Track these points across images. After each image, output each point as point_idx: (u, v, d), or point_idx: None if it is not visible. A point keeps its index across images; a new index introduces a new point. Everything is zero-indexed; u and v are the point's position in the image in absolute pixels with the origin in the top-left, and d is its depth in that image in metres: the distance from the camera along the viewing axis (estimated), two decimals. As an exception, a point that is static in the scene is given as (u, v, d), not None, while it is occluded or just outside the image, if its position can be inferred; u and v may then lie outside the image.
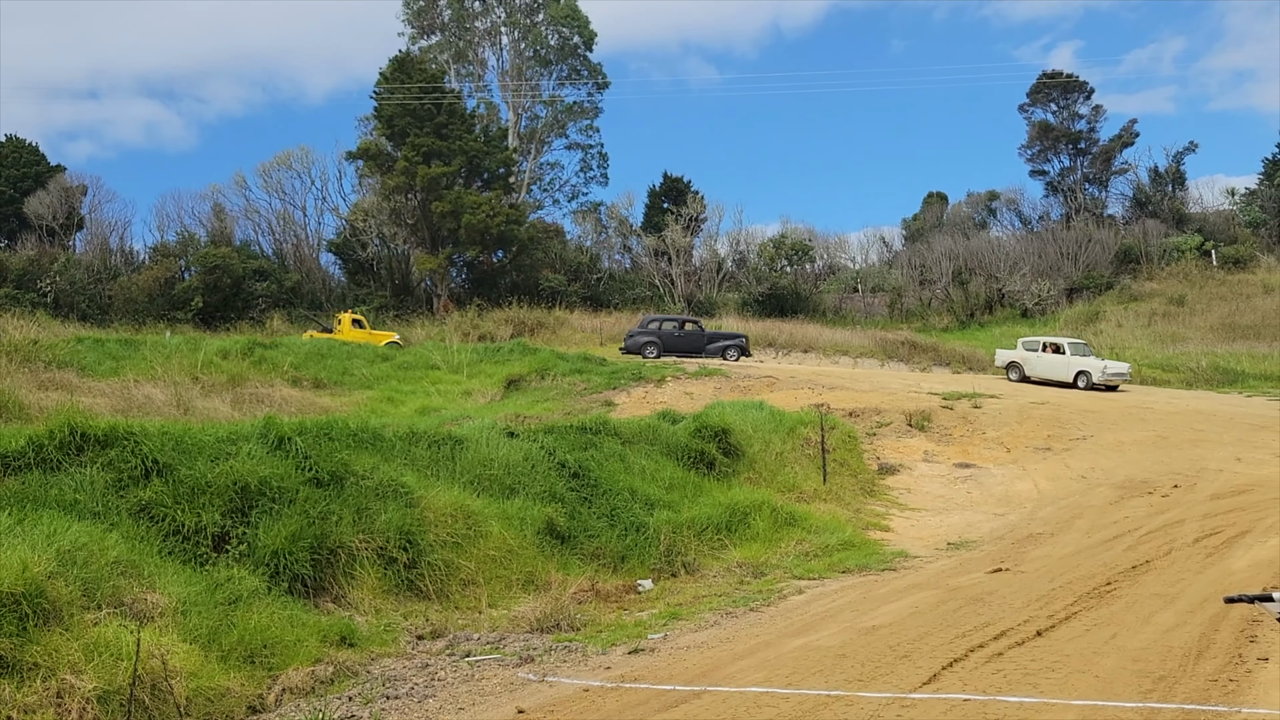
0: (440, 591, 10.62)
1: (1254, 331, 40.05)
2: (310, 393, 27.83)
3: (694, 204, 56.47)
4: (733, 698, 7.41)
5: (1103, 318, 45.08)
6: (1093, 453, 20.58)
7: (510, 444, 14.24)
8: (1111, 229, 56.87)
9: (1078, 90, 62.47)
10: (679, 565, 12.88)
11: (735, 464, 17.36)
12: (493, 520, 11.77)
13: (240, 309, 47.60)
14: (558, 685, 8.10)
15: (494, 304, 49.65)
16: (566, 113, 64.30)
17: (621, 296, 53.97)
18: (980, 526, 16.19)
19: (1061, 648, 8.40)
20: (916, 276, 54.24)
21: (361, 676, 8.33)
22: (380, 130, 53.36)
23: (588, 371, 30.86)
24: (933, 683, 7.57)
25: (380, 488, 11.18)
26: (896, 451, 21.10)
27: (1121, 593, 10.54)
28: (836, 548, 13.98)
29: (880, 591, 11.55)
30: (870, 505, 17.59)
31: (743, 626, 10.12)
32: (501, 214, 50.55)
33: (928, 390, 26.33)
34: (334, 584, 9.89)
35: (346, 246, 55.05)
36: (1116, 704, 6.77)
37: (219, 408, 23.03)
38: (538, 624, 10.03)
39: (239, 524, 9.70)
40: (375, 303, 50.73)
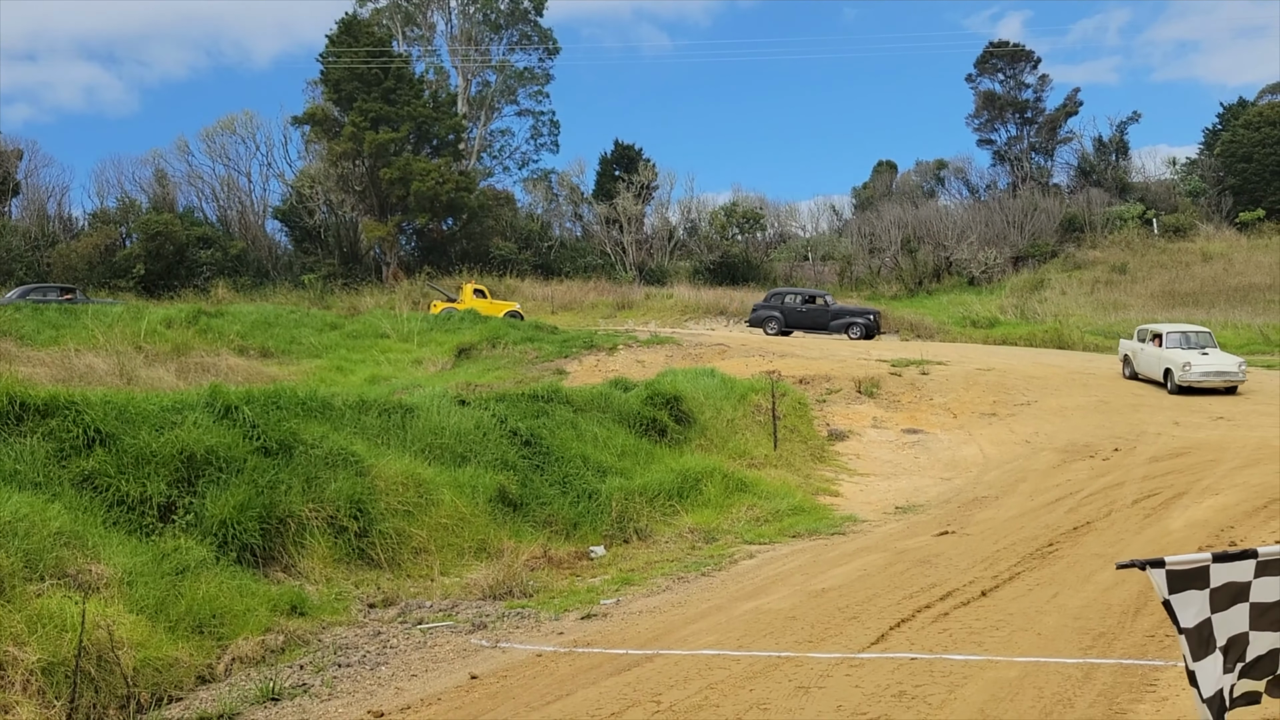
0: (392, 560, 10.59)
1: (1193, 299, 40.94)
2: (257, 362, 27.46)
3: (646, 172, 56.28)
4: (685, 660, 7.49)
5: (1047, 285, 45.81)
6: (1036, 418, 20.98)
7: (461, 412, 14.18)
8: (1057, 198, 57.69)
9: (1024, 60, 63.02)
10: (631, 532, 12.96)
11: (687, 431, 17.45)
12: (444, 488, 11.74)
13: (184, 277, 46.67)
14: (511, 651, 8.14)
15: (444, 272, 49.22)
16: (517, 79, 63.59)
17: (573, 265, 53.76)
18: (927, 491, 16.46)
19: (1005, 607, 8.60)
20: (866, 245, 54.64)
21: (313, 645, 8.30)
22: (327, 95, 52.37)
23: (539, 340, 30.77)
24: (881, 643, 7.71)
25: (330, 456, 11.08)
26: (846, 418, 21.34)
27: (1063, 553, 10.79)
28: (787, 513, 14.15)
29: (830, 555, 11.71)
30: (820, 471, 17.80)
31: (695, 591, 10.22)
32: (451, 181, 49.99)
33: (876, 358, 26.63)
34: (284, 553, 9.82)
35: (293, 213, 54.11)
36: (1058, 660, 6.95)
37: (163, 377, 22.64)
38: (490, 591, 10.05)
39: (185, 494, 9.58)
40: (323, 271, 50.03)
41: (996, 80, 63.41)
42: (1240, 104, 61.42)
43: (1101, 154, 62.07)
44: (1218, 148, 58.12)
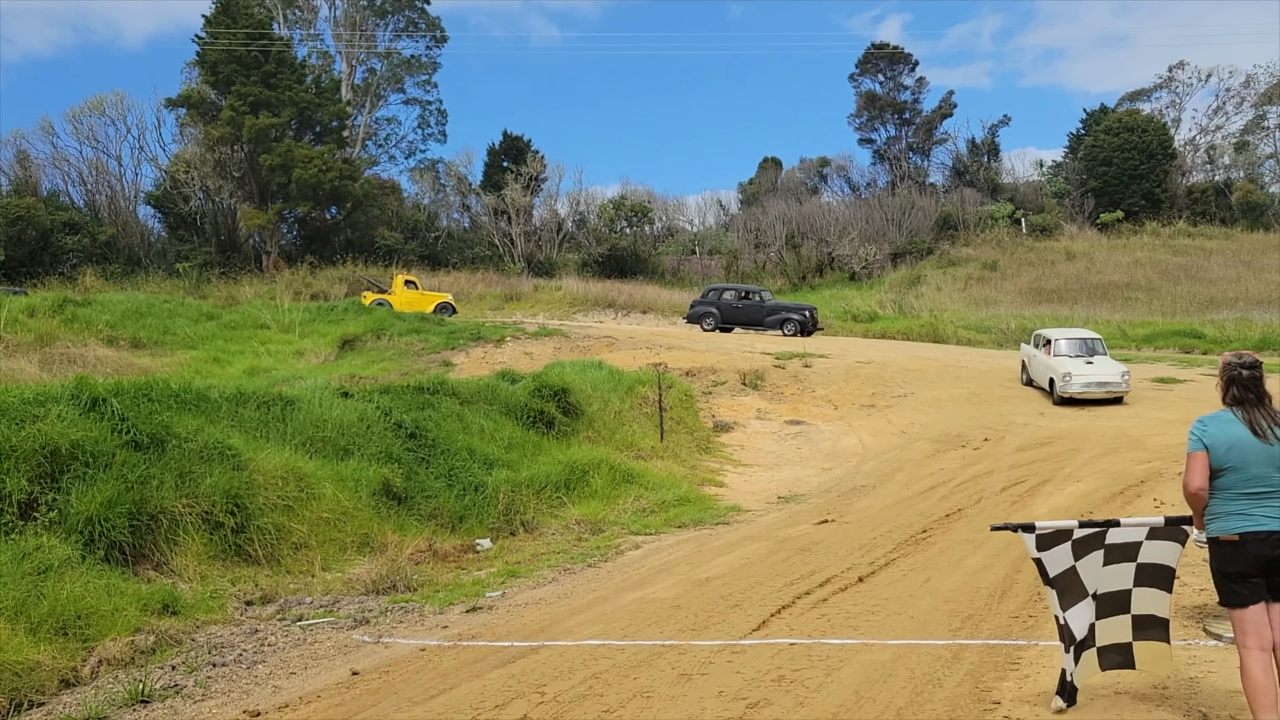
0: (271, 556, 10.33)
1: (1057, 295, 42.87)
2: (128, 353, 26.38)
3: (534, 163, 55.98)
4: (569, 651, 7.53)
5: (924, 281, 47.32)
6: (912, 409, 21.69)
7: (344, 404, 13.91)
8: (933, 197, 59.61)
9: (903, 62, 64.91)
10: (518, 524, 12.93)
11: (574, 423, 17.47)
12: (326, 482, 11.50)
13: (49, 264, 44.41)
14: (394, 646, 8.04)
15: (327, 262, 48.04)
16: (404, 66, 62.41)
17: (460, 256, 53.14)
18: (809, 481, 16.86)
19: (881, 592, 8.89)
20: (752, 239, 55.51)
21: (186, 645, 8.04)
22: (204, 77, 50.45)
23: (425, 331, 30.34)
24: (762, 629, 7.89)
25: (205, 450, 10.73)
26: (731, 410, 21.68)
27: (936, 539, 11.21)
28: (673, 503, 14.32)
29: (714, 544, 11.91)
30: (705, 462, 18.06)
31: (580, 582, 10.27)
32: (335, 169, 48.81)
33: (761, 350, 27.11)
34: (155, 551, 9.48)
35: (167, 199, 51.99)
36: (929, 641, 7.23)
37: (25, 368, 21.58)
38: (373, 586, 9.90)
39: (48, 490, 9.16)
40: (199, 259, 48.26)
41: (877, 81, 65.20)
42: (1102, 110, 64.46)
43: (974, 155, 64.42)
44: (1081, 151, 60.89)
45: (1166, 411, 19.30)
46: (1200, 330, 32.60)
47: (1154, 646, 5.52)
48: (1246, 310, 35.95)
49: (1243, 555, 4.81)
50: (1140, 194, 57.37)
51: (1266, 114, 63.17)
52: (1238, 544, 4.82)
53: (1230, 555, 4.86)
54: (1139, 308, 39.15)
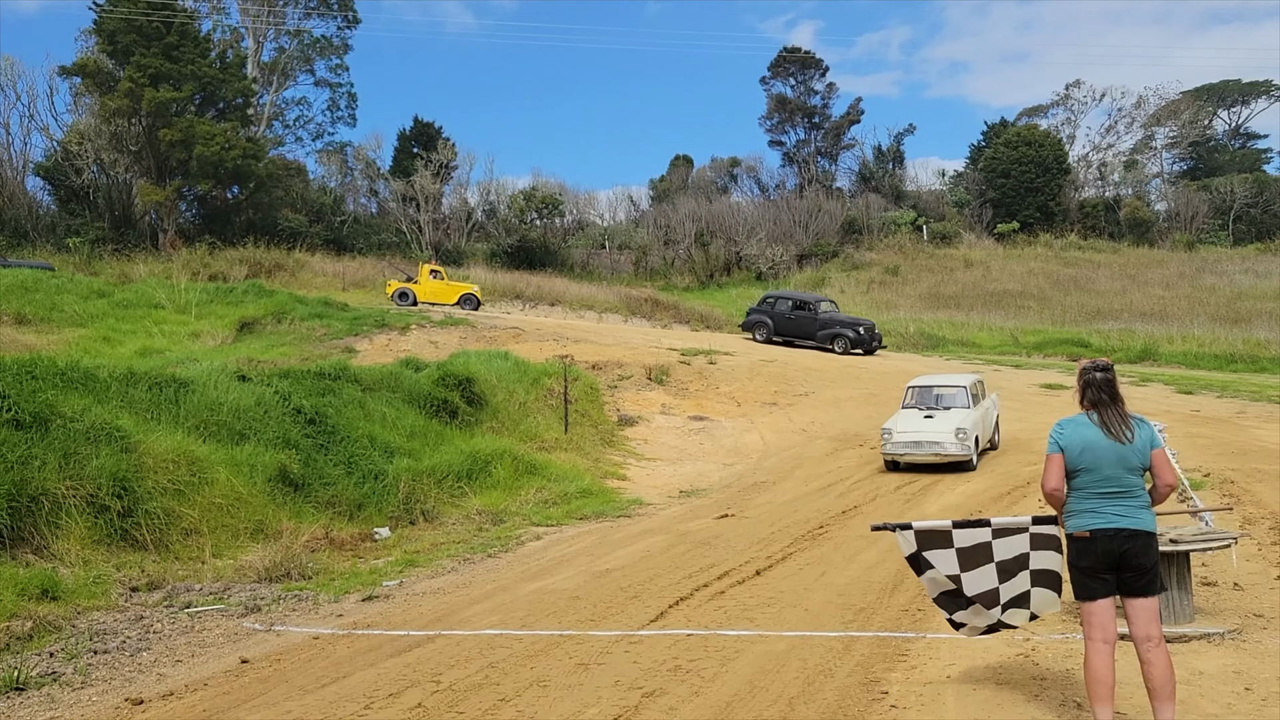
0: (159, 541, 10.03)
1: (955, 301, 44.15)
2: (11, 329, 25.24)
3: (445, 150, 55.29)
4: (466, 640, 7.50)
5: (829, 283, 48.22)
6: (813, 408, 22.11)
7: (241, 388, 13.57)
8: (839, 200, 60.81)
9: (814, 67, 66.02)
10: (418, 513, 12.80)
11: (478, 413, 17.36)
12: (220, 467, 11.22)
13: (-76, 234, 42.22)
14: (286, 634, 7.90)
15: (228, 242, 46.62)
16: (314, 47, 60.94)
17: (366, 241, 52.18)
18: (711, 476, 17.06)
19: (777, 585, 9.07)
20: (661, 236, 55.82)
21: (66, 631, 7.76)
22: (101, 46, 48.40)
23: (328, 316, 29.75)
24: (660, 620, 7.98)
25: (92, 431, 10.36)
26: (636, 404, 21.79)
27: (832, 535, 11.47)
28: (575, 495, 14.35)
29: (615, 537, 11.98)
30: (609, 455, 18.12)
31: (480, 572, 10.23)
32: (238, 147, 47.38)
33: (668, 346, 27.30)
34: (35, 534, 9.12)
35: (58, 171, 49.78)
36: (822, 633, 7.40)
37: (-104, 343, 20.48)
38: (266, 573, 9.69)
39: (-80, 469, 8.74)
40: (90, 235, 46.35)
41: (789, 85, 66.17)
42: (1002, 123, 66.61)
43: (880, 162, 65.92)
44: (981, 163, 62.79)
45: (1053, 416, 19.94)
46: (1087, 339, 33.94)
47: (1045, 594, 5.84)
48: (1130, 322, 37.55)
49: (1093, 551, 5.07)
50: (1035, 206, 59.42)
51: (1155, 134, 66.19)
52: (1089, 540, 5.08)
53: (1082, 550, 5.12)
54: (1031, 316, 40.56)
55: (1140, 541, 5.03)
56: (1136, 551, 5.02)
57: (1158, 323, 36.73)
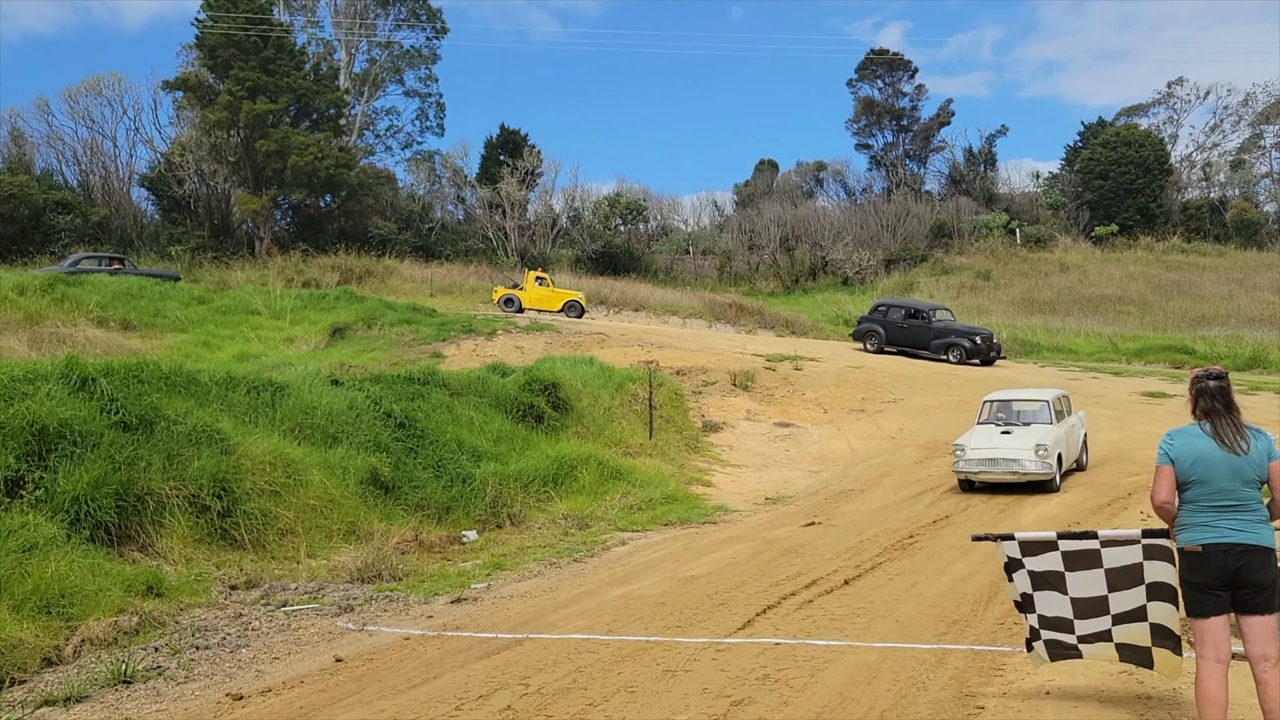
0: (256, 541, 10.30)
1: (1049, 306, 43.03)
2: (118, 334, 26.23)
3: (530, 158, 55.91)
4: (554, 644, 7.53)
5: (917, 288, 47.45)
6: (902, 415, 21.73)
7: (334, 392, 13.87)
8: (928, 204, 59.81)
9: (902, 69, 65.08)
10: (505, 517, 12.92)
11: (564, 418, 17.46)
12: (314, 469, 11.47)
13: (40, 243, 44.13)
14: (378, 634, 8.03)
15: (320, 249, 47.81)
16: (404, 58, 62.22)
17: (453, 248, 53.03)
18: (796, 483, 16.88)
19: (867, 595, 8.91)
20: (746, 241, 55.59)
21: (170, 627, 8.02)
22: (202, 61, 50.18)
23: (416, 322, 30.26)
24: (747, 628, 7.90)
25: (194, 433, 10.69)
26: (720, 410, 21.69)
27: (923, 545, 11.23)
28: (660, 501, 14.33)
29: (700, 543, 11.92)
30: (694, 461, 18.07)
31: (566, 576, 10.27)
32: (331, 156, 48.63)
33: (752, 352, 27.13)
34: (141, 532, 9.44)
35: (161, 182, 51.73)
36: (914, 645, 7.24)
37: (14, 346, 21.45)
38: (359, 574, 9.88)
39: (35, 468, 9.11)
40: (191, 243, 48.01)
41: (876, 87, 65.34)
42: (1100, 124, 64.73)
43: (971, 164, 64.64)
44: (1077, 164, 61.13)
45: (1154, 425, 19.33)
46: (1191, 346, 32.73)
47: (1169, 656, 5.59)
48: (1238, 328, 36.13)
49: (1206, 566, 4.86)
50: (1135, 208, 57.61)
51: (1263, 133, 63.57)
52: (1201, 555, 4.87)
53: (1195, 566, 4.91)
54: (1131, 321, 39.31)
55: (1257, 557, 4.81)
56: (1253, 568, 4.80)
57: (1267, 328, 35.28)
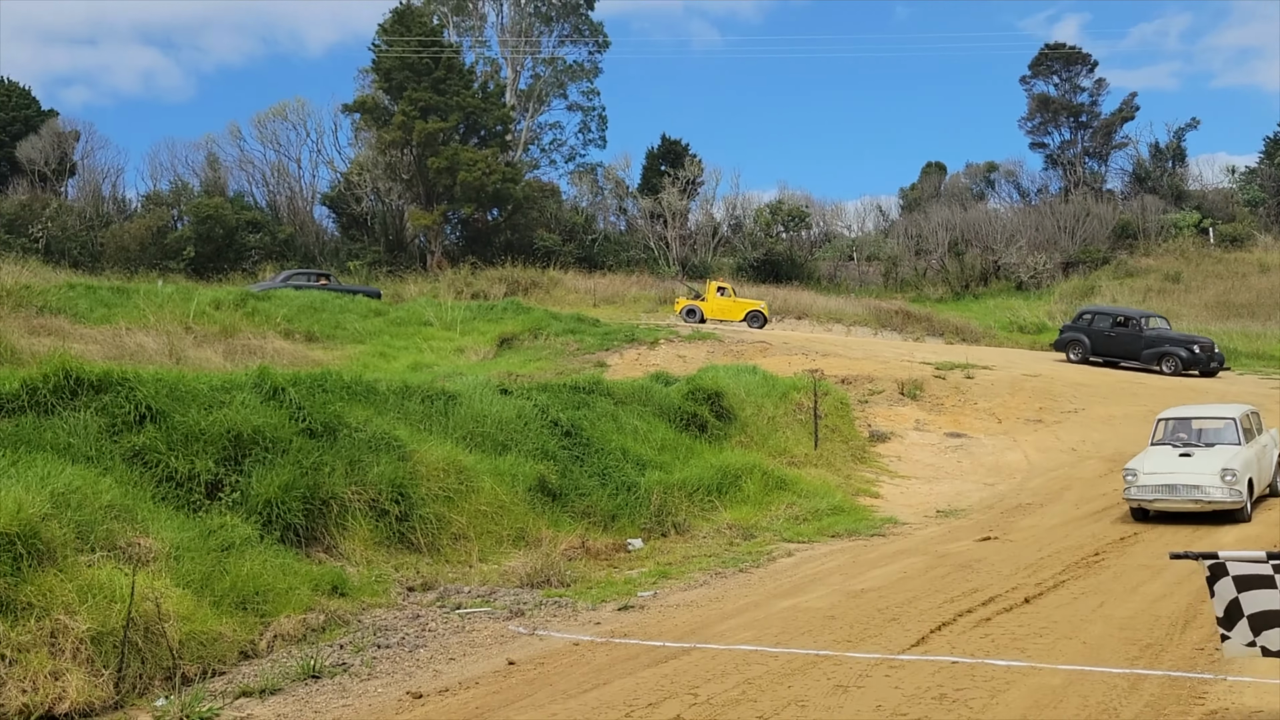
0: (431, 545, 10.66)
1: (1248, 310, 40.03)
2: (302, 345, 27.72)
3: (691, 167, 56.12)
4: (721, 655, 7.47)
5: (1098, 292, 45.05)
6: (1083, 425, 20.67)
7: (503, 401, 14.23)
8: (1110, 204, 56.74)
9: (1080, 63, 62.05)
10: (669, 525, 12.95)
11: (727, 427, 17.38)
12: (485, 476, 11.79)
13: (233, 260, 47.26)
14: (548, 639, 8.16)
15: (488, 262, 49.36)
16: (567, 72, 63.64)
17: (616, 258, 53.77)
18: (970, 495, 16.29)
19: (1049, 614, 8.48)
20: (912, 246, 54.14)
21: (353, 625, 8.37)
22: (378, 84, 52.75)
23: (581, 332, 30.79)
24: (921, 645, 7.64)
25: (373, 440, 11.17)
26: (888, 419, 21.16)
27: (1109, 563, 10.63)
28: (826, 512, 14.08)
29: (869, 556, 11.64)
30: (861, 471, 17.68)
31: (732, 587, 10.20)
32: (498, 171, 50.17)
33: (920, 360, 26.37)
34: (326, 534, 9.91)
35: (340, 200, 54.58)
36: (1103, 669, 6.83)
37: (211, 358, 22.94)
38: (528, 579, 10.08)
39: (232, 472, 9.70)
40: (368, 258, 50.41)
41: (1051, 83, 62.48)
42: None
43: (1158, 160, 60.94)
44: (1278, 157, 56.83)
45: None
46: None
47: None
48: None
49: None
50: (1343, 202, 53.14)
51: None
52: None
53: None
54: (1339, 325, 36.21)
55: None
56: None
57: None
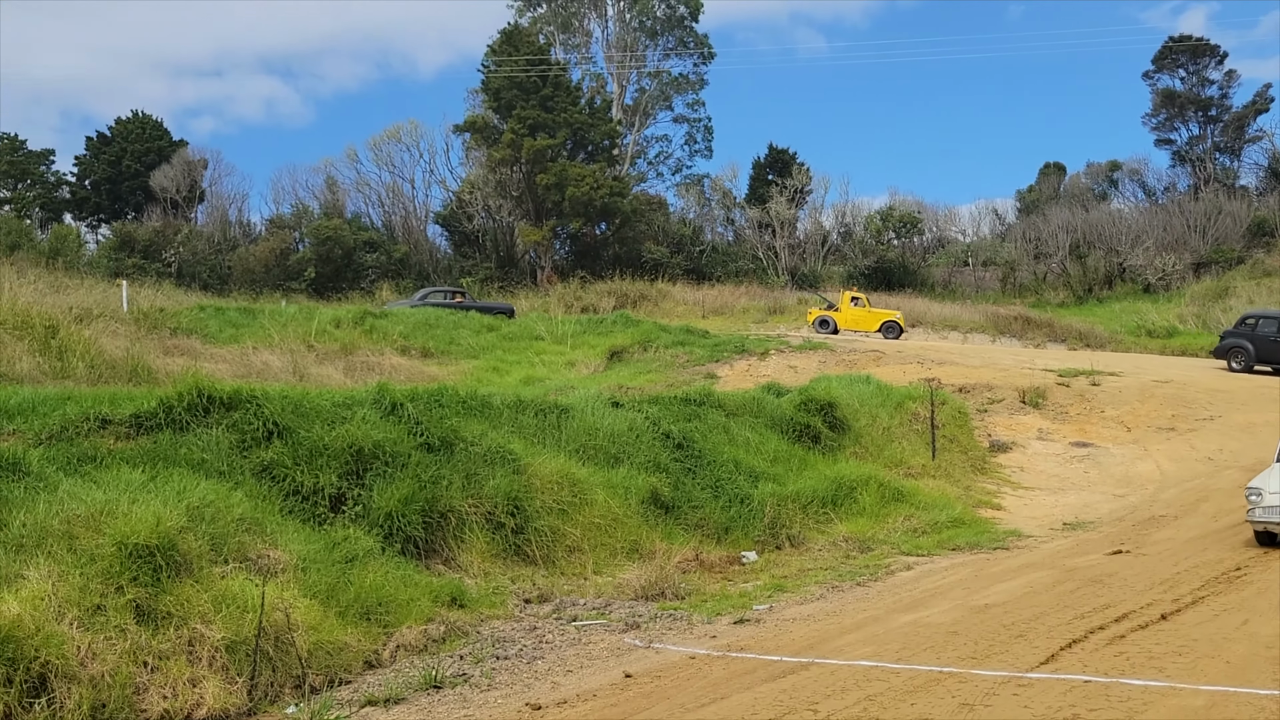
0: (546, 557, 10.75)
1: (1398, 309, 37.59)
2: (418, 361, 28.40)
3: (799, 176, 55.68)
4: (841, 670, 7.32)
5: (1232, 294, 42.90)
6: (1220, 434, 19.68)
7: (615, 414, 14.29)
8: (1244, 200, 54.06)
9: (1209, 55, 59.35)
10: (783, 538, 12.79)
11: (841, 438, 17.11)
12: (598, 488, 11.84)
13: (351, 279, 48.86)
14: (664, 652, 8.13)
15: (596, 276, 49.86)
16: (672, 85, 63.94)
17: (724, 269, 53.68)
18: (1098, 507, 15.67)
19: (1188, 632, 8.08)
20: (1031, 250, 52.54)
21: (472, 636, 8.49)
22: (487, 103, 53.94)
23: (690, 344, 30.77)
24: (1050, 663, 7.36)
25: (488, 454, 11.34)
26: (1009, 429, 20.53)
27: (1253, 579, 10.08)
28: (946, 525, 13.73)
29: (993, 570, 11.29)
30: (981, 483, 17.19)
31: (849, 601, 10.01)
32: (605, 186, 50.68)
33: (1042, 367, 25.53)
34: (444, 546, 10.09)
35: (453, 218, 55.91)
36: (1251, 690, 6.46)
37: (332, 374, 23.68)
38: (642, 592, 10.07)
39: (354, 486, 9.96)
40: (480, 274, 51.48)
41: (1177, 77, 59.94)
42: None
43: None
44: None
45: None
46: None
47: None
48: None
49: None
50: None
51: None
52: None
53: None
54: None
55: None
56: None
57: None
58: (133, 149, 56.01)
